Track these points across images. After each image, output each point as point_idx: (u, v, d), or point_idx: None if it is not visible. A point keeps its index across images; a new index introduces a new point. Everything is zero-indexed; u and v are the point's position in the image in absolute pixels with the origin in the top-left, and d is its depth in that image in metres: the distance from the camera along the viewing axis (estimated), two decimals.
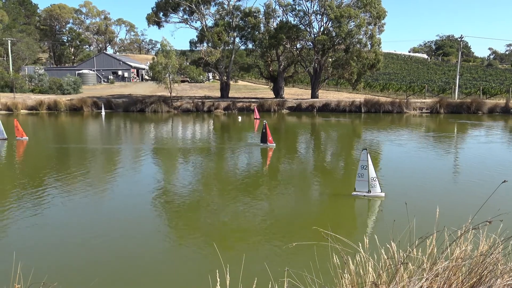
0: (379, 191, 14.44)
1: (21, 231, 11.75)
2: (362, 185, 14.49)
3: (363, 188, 14.50)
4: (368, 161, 14.19)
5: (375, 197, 14.34)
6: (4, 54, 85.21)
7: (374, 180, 14.36)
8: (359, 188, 14.59)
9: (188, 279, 8.91)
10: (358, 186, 14.60)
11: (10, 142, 28.88)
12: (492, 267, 3.55)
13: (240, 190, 16.43)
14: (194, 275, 8.97)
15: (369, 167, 14.22)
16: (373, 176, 14.34)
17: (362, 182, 14.48)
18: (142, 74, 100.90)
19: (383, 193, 14.48)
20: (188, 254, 10.26)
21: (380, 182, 14.79)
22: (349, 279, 3.94)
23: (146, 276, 9.11)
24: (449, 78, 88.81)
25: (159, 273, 9.24)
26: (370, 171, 14.27)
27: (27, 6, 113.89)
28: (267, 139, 26.14)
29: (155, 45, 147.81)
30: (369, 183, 14.35)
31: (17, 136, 29.32)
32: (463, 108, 52.77)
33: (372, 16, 57.34)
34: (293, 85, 76.24)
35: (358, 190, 14.59)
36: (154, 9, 63.57)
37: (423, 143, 29.41)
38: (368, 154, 14.20)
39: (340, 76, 62.90)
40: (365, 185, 14.43)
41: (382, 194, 14.45)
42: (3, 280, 5.00)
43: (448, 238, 3.89)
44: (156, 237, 11.31)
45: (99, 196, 15.59)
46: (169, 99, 58.76)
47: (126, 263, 9.63)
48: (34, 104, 58.48)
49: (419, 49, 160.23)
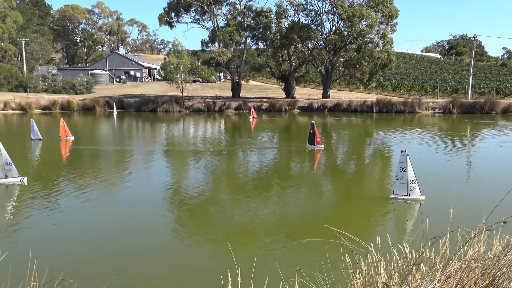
0: (419, 194, 13.81)
1: (37, 228, 11.90)
2: (401, 188, 13.88)
3: (401, 191, 13.90)
4: (408, 162, 13.63)
5: (415, 200, 13.74)
6: (18, 54, 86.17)
7: (414, 182, 13.73)
8: (397, 191, 13.98)
9: (201, 277, 8.96)
10: (397, 189, 14.00)
11: (49, 142, 28.83)
12: (505, 269, 3.52)
13: (278, 193, 16.45)
14: (206, 274, 9.02)
15: (408, 169, 13.65)
16: (413, 178, 13.72)
17: (400, 185, 13.87)
18: (154, 74, 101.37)
19: (422, 196, 13.81)
20: (201, 253, 10.31)
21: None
22: (361, 279, 3.94)
23: (159, 273, 9.18)
24: (462, 78, 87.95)
25: (172, 271, 9.32)
26: (410, 173, 13.67)
27: (41, 7, 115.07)
28: (315, 140, 24.89)
29: (167, 45, 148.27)
30: (408, 186, 13.76)
31: (61, 136, 29.19)
32: (476, 108, 52.24)
33: (384, 16, 57.02)
34: (304, 85, 76.08)
35: (397, 193, 13.99)
36: (166, 9, 63.85)
37: (443, 143, 29.14)
38: (407, 155, 13.61)
39: (352, 76, 62.66)
40: (403, 188, 13.81)
41: (421, 197, 13.79)
42: (19, 277, 5.07)
43: (462, 239, 3.87)
44: (169, 236, 11.40)
45: (113, 194, 15.73)
46: (180, 99, 58.98)
47: (139, 261, 9.71)
48: (48, 103, 59.09)
49: (431, 49, 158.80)
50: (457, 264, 3.63)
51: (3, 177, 16.70)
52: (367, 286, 3.93)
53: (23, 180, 16.85)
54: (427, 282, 3.53)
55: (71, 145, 27.70)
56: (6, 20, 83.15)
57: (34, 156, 24.90)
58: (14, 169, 16.84)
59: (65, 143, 28.41)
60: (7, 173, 16.69)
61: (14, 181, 16.73)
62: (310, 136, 25.09)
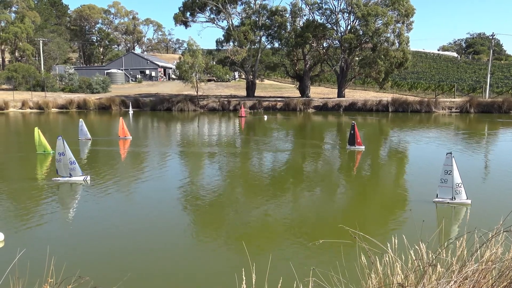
0: (465, 198, 13.34)
1: (54, 225, 12.06)
2: (445, 191, 13.44)
3: (446, 194, 13.45)
4: (453, 165, 13.22)
5: (461, 204, 13.31)
6: (36, 54, 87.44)
7: (459, 186, 13.28)
8: (441, 195, 13.52)
9: (215, 277, 9.00)
10: (441, 192, 13.53)
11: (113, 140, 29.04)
12: None
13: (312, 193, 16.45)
14: (221, 273, 9.05)
15: (453, 172, 13.19)
16: (458, 181, 13.25)
17: (445, 188, 13.42)
18: (169, 73, 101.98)
19: (469, 200, 13.33)
20: (215, 252, 10.35)
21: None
22: (377, 279, 3.92)
23: (174, 272, 9.26)
24: (479, 77, 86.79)
25: (187, 270, 9.38)
26: (455, 176, 13.20)
27: (58, 7, 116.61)
28: (356, 141, 24.22)
29: (182, 45, 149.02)
30: (453, 190, 13.31)
31: (121, 135, 29.32)
32: (494, 107, 51.47)
33: (400, 14, 56.54)
34: (319, 84, 75.77)
35: (441, 196, 13.53)
36: (181, 9, 64.18)
37: (474, 144, 28.82)
38: (453, 158, 13.16)
39: (367, 75, 62.27)
40: (448, 191, 13.39)
41: (468, 201, 13.32)
42: (37, 274, 5.15)
43: (479, 240, 3.83)
44: (184, 235, 11.46)
45: (129, 192, 15.87)
46: (195, 98, 59.24)
47: (154, 260, 9.79)
48: (64, 103, 59.85)
49: (448, 48, 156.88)
50: (474, 266, 3.59)
51: (67, 176, 16.69)
52: (382, 286, 3.90)
53: (87, 179, 16.77)
54: (443, 283, 3.50)
55: (129, 145, 27.82)
56: (24, 20, 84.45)
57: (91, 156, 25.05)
58: (78, 168, 16.81)
59: (123, 142, 28.50)
60: (71, 172, 16.66)
61: (78, 180, 16.67)
62: (351, 137, 24.52)
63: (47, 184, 16.79)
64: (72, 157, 16.68)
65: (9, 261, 4.83)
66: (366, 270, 4.04)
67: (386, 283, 3.91)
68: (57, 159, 16.86)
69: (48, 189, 16.04)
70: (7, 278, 4.45)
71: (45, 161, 21.82)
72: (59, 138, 16.60)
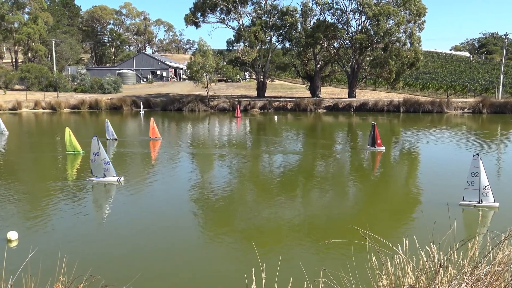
0: (492, 201, 13.21)
1: (66, 225, 12.16)
2: (472, 194, 13.29)
3: (473, 197, 13.31)
4: (480, 167, 13.02)
5: (488, 207, 13.14)
6: (49, 54, 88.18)
7: (487, 188, 13.12)
8: (468, 198, 13.38)
9: (225, 276, 9.02)
10: (467, 195, 13.39)
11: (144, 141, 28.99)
12: None
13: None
14: (231, 273, 9.08)
15: (481, 175, 13.03)
16: (485, 184, 13.09)
17: (472, 191, 13.25)
18: (180, 74, 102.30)
19: (496, 203, 13.18)
20: (226, 252, 10.38)
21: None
22: (387, 280, 3.90)
23: (184, 272, 9.30)
24: (492, 77, 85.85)
25: (197, 269, 9.40)
26: (482, 179, 13.05)
27: (70, 8, 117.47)
28: (376, 142, 24.07)
29: (193, 45, 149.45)
30: (480, 192, 13.17)
31: (151, 136, 29.32)
32: (507, 108, 50.88)
33: (411, 14, 56.13)
34: (330, 84, 75.49)
35: (467, 199, 13.38)
36: (192, 10, 64.34)
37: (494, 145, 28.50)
38: (480, 160, 13.05)
39: (378, 75, 61.90)
40: (475, 194, 13.23)
41: (495, 204, 13.17)
42: (49, 272, 5.20)
43: (491, 242, 3.79)
44: (195, 235, 11.52)
45: (140, 192, 15.95)
46: (206, 98, 59.35)
47: (165, 259, 9.84)
48: (76, 103, 60.32)
49: (461, 47, 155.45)
50: (486, 268, 3.55)
51: (102, 176, 16.76)
52: (393, 287, 3.88)
53: (120, 180, 16.78)
54: (454, 285, 3.47)
55: (159, 146, 27.82)
56: (37, 21, 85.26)
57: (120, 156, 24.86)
58: (112, 168, 16.85)
59: (153, 143, 28.49)
60: (105, 172, 16.72)
61: (112, 180, 16.73)
62: (371, 138, 24.41)
63: (81, 184, 16.74)
64: (106, 157, 16.73)
65: (22, 260, 4.88)
66: (376, 271, 4.02)
67: (397, 284, 3.88)
68: (91, 159, 16.86)
69: (80, 189, 16.05)
70: (19, 276, 4.50)
71: (75, 161, 22.01)
72: (94, 138, 16.59)
